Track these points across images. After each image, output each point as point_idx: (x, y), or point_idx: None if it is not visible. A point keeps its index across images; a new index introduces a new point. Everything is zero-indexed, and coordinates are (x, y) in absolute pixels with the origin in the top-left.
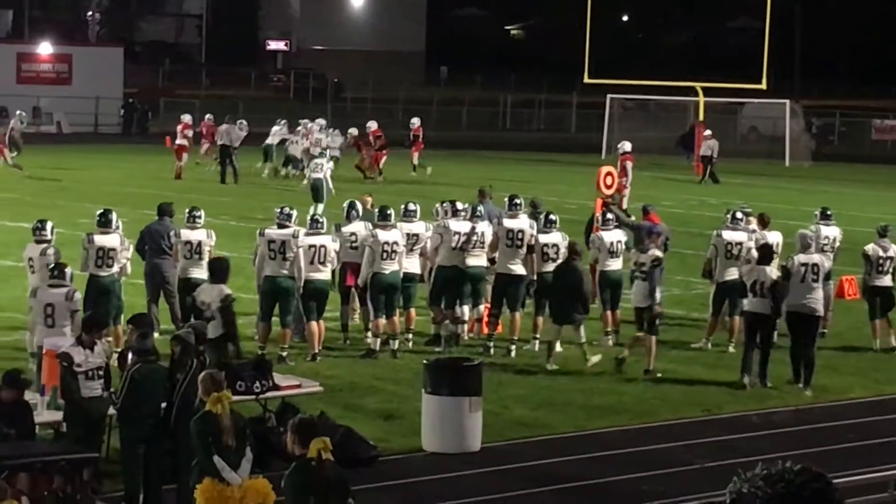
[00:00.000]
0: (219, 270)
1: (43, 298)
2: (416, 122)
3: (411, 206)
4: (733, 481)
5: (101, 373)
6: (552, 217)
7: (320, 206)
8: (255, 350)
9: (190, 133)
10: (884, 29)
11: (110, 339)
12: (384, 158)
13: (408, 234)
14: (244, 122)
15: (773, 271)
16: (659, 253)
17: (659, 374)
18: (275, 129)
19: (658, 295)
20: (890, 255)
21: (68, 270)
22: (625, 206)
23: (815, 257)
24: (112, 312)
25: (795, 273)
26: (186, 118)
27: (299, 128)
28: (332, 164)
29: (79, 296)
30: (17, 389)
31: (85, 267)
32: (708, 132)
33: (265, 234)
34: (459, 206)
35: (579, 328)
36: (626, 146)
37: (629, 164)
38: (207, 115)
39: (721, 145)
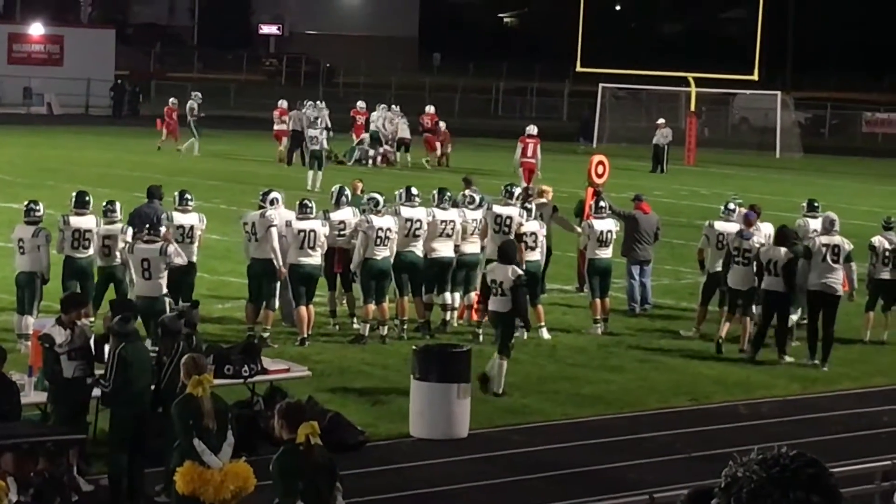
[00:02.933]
0: (508, 251)
1: (139, 254)
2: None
3: (413, 192)
4: (728, 465)
5: (83, 352)
6: (528, 205)
7: (320, 174)
8: (246, 334)
9: (287, 118)
10: (875, 21)
11: (92, 318)
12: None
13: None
14: (316, 104)
15: (785, 251)
16: (763, 239)
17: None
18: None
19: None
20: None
21: (162, 228)
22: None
23: (836, 238)
24: (91, 294)
25: (816, 253)
26: (283, 104)
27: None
28: (325, 134)
29: (171, 248)
30: None
31: (61, 248)
32: (661, 121)
33: (242, 216)
34: (414, 191)
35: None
36: (530, 129)
37: (520, 146)
38: (171, 100)
39: (712, 136)
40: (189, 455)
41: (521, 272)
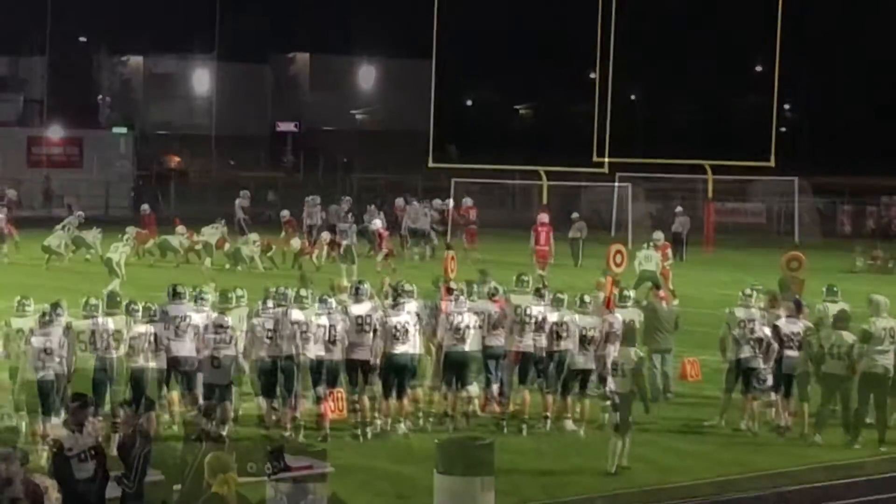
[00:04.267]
0: (628, 334)
1: (208, 344)
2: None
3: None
4: None
5: (92, 453)
6: (560, 296)
7: (354, 268)
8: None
9: (316, 212)
10: (887, 104)
11: (118, 420)
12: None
13: (417, 315)
14: (349, 199)
15: (849, 335)
16: (810, 323)
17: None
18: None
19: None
20: None
21: (228, 319)
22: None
23: (892, 321)
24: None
25: (877, 336)
26: (310, 199)
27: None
28: (355, 227)
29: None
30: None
31: (93, 349)
32: (679, 209)
33: (261, 313)
34: (454, 286)
35: None
36: (541, 217)
37: (534, 235)
38: (240, 201)
39: (731, 222)
40: None
41: (642, 354)
